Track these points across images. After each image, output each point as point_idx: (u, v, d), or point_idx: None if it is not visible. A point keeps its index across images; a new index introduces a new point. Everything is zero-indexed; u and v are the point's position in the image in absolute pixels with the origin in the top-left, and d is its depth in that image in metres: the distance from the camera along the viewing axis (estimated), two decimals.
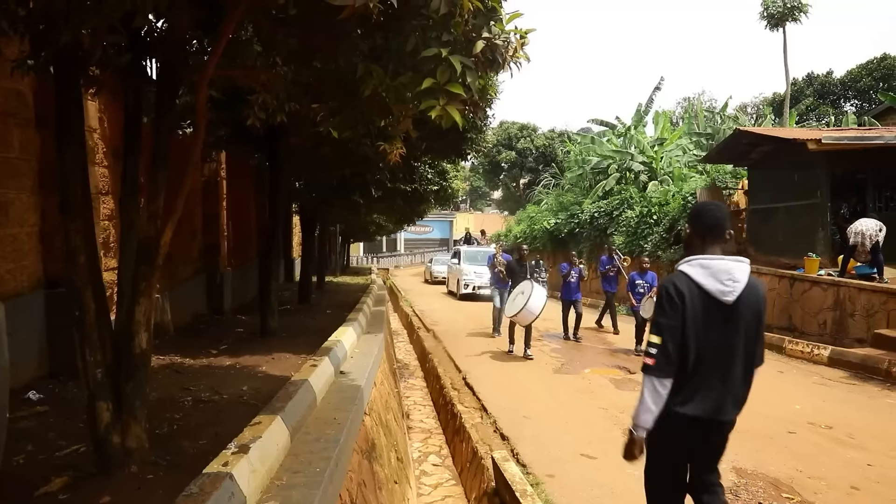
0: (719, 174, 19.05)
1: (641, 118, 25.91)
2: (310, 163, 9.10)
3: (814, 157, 12.82)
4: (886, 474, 5.53)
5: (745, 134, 14.97)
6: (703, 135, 24.41)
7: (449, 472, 7.25)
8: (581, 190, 25.43)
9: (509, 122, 47.32)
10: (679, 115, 44.47)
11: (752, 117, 40.64)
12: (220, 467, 2.82)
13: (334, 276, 23.63)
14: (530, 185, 41.76)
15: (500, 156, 45.08)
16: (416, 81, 2.68)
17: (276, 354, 7.08)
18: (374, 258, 52.96)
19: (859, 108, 42.56)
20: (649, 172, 22.51)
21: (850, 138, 12.92)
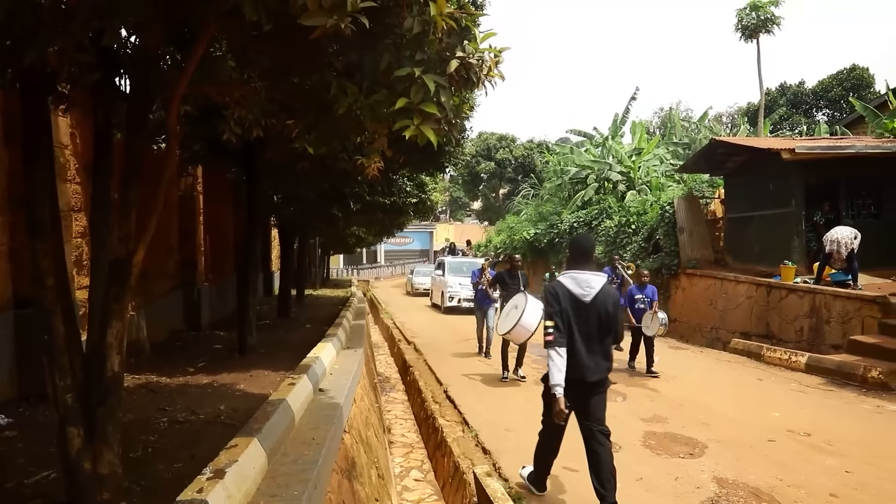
0: (696, 183, 19.26)
1: (619, 128, 26.14)
2: (288, 177, 9.04)
3: (788, 166, 13.01)
4: (864, 481, 5.57)
5: (721, 143, 15.16)
6: (680, 144, 24.72)
7: (431, 488, 7.19)
8: (560, 200, 25.56)
9: (488, 133, 47.53)
10: (656, 124, 45.02)
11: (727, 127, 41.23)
12: (194, 494, 2.75)
13: (314, 288, 23.49)
14: (510, 195, 41.94)
15: (479, 166, 45.24)
16: (391, 100, 2.66)
17: (255, 371, 6.99)
18: (354, 270, 52.72)
19: (831, 117, 43.37)
20: (627, 182, 22.69)
21: (823, 147, 13.13)
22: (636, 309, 10.47)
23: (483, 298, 11.76)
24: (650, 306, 10.30)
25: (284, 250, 13.48)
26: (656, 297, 10.51)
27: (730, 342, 12.66)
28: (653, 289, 10.69)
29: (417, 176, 12.17)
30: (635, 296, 10.64)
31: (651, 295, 10.48)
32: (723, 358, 11.91)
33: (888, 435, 6.98)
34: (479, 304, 11.97)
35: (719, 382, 9.41)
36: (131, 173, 3.24)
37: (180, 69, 3.44)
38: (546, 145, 39.18)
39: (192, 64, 2.96)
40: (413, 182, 12.56)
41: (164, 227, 9.00)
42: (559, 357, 4.38)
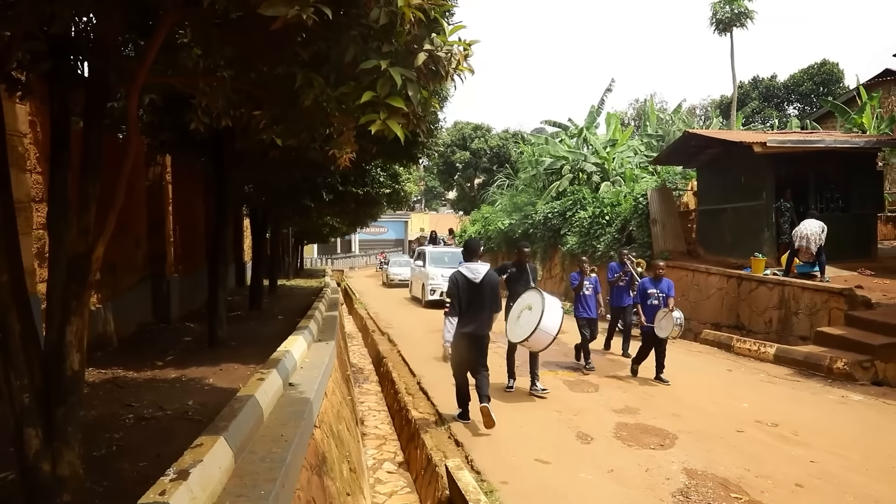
0: (669, 175, 19.38)
1: (594, 119, 26.21)
2: (258, 167, 8.89)
3: (759, 159, 13.15)
4: (827, 470, 5.67)
5: (694, 136, 15.27)
6: (654, 136, 24.83)
7: (404, 480, 7.18)
8: (535, 190, 25.58)
9: (463, 123, 47.38)
10: (632, 116, 45.32)
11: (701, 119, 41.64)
12: (156, 497, 2.68)
13: (287, 279, 23.29)
14: (485, 185, 41.87)
15: (454, 156, 45.08)
16: (358, 92, 2.59)
17: (225, 365, 6.89)
18: (328, 260, 52.47)
19: (802, 111, 44.14)
20: (602, 173, 22.77)
21: (794, 141, 13.29)
22: (648, 306, 9.20)
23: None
24: (665, 303, 9.03)
25: (256, 240, 13.29)
26: (672, 291, 9.30)
27: (701, 333, 12.81)
28: (669, 283, 9.41)
29: (391, 166, 12.05)
30: (648, 290, 9.33)
31: (667, 290, 9.21)
32: (694, 349, 12.04)
33: (852, 425, 7.11)
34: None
35: (690, 373, 9.51)
36: (90, 164, 3.13)
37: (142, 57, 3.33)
38: (521, 136, 39.16)
39: (152, 52, 2.86)
40: (386, 172, 12.45)
41: (132, 217, 8.81)
42: (451, 323, 6.83)
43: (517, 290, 8.26)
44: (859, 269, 12.67)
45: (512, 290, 8.47)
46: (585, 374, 9.61)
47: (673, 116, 26.60)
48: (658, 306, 9.01)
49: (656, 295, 9.14)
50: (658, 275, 9.31)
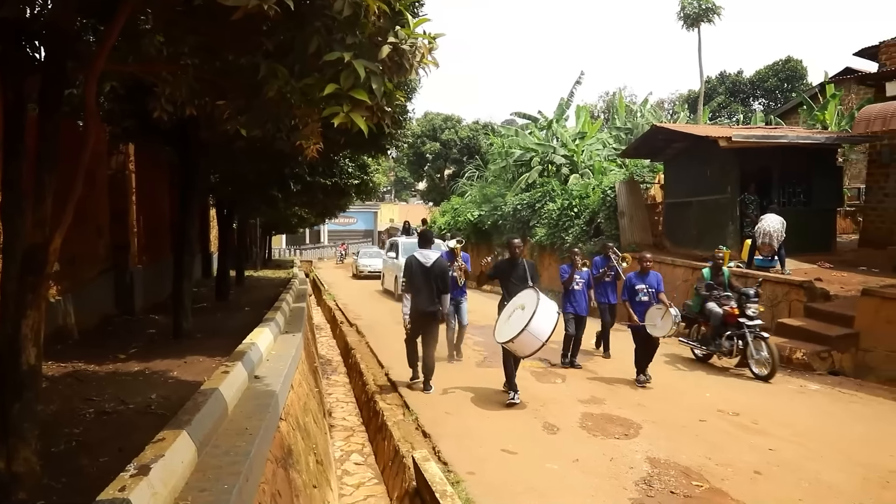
0: (637, 168, 19.60)
1: (563, 112, 26.33)
2: (224, 156, 8.76)
3: (725, 153, 13.36)
4: (785, 458, 5.83)
5: (661, 130, 15.45)
6: (623, 129, 25.06)
7: (371, 471, 7.18)
8: (504, 182, 25.66)
9: (434, 113, 47.25)
10: (601, 108, 45.67)
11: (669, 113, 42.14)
12: (115, 493, 2.63)
13: (255, 269, 23.05)
14: (455, 176, 41.86)
15: (424, 147, 44.97)
16: (321, 84, 2.56)
17: (190, 358, 6.79)
18: (297, 250, 52.04)
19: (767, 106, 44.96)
20: (571, 165, 22.92)
21: (758, 136, 13.53)
22: (637, 303, 8.57)
23: (453, 287, 9.38)
24: (655, 299, 8.47)
25: (223, 231, 13.11)
26: (662, 286, 8.71)
27: None
28: (657, 276, 8.81)
29: (359, 157, 11.96)
30: (636, 285, 8.68)
31: (656, 284, 8.63)
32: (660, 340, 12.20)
33: (809, 414, 7.30)
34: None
35: (655, 364, 9.62)
36: (46, 153, 3.05)
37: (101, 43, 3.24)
38: (491, 127, 39.24)
39: (111, 38, 2.79)
40: (355, 163, 12.36)
41: (93, 207, 8.62)
42: (407, 299, 7.87)
43: (511, 288, 7.65)
44: (819, 262, 12.97)
45: (505, 289, 7.82)
46: (552, 364, 9.68)
47: (641, 109, 26.86)
48: (648, 303, 8.46)
49: (645, 290, 8.56)
50: (645, 268, 8.71)
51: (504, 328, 7.10)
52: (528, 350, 6.90)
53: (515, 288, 7.53)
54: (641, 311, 8.44)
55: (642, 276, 8.71)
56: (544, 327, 6.70)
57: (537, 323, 6.64)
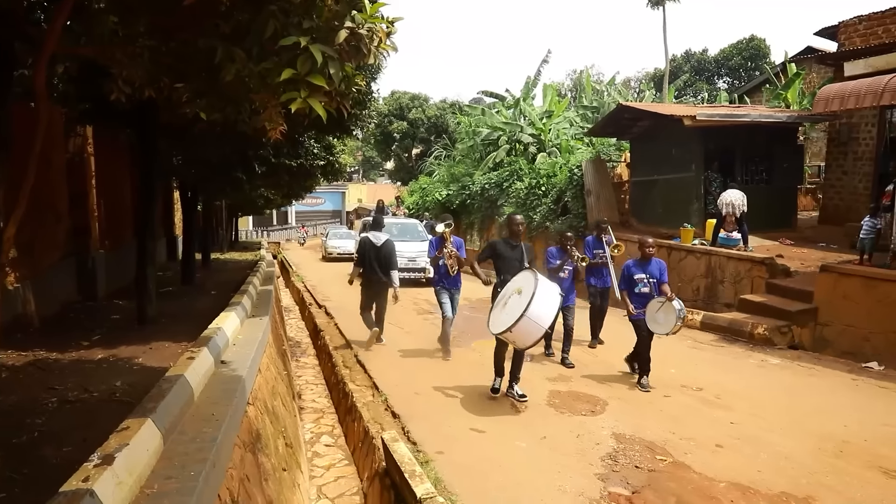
0: (604, 147, 19.75)
1: (530, 90, 26.32)
2: (186, 139, 8.59)
3: (689, 132, 13.53)
4: (746, 431, 6.00)
5: (627, 109, 15.56)
6: (590, 108, 25.13)
7: (342, 452, 7.22)
8: (472, 161, 25.64)
9: (401, 92, 46.88)
10: (569, 87, 45.73)
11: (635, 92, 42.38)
12: (79, 483, 2.61)
13: (221, 252, 22.76)
14: (422, 155, 41.69)
15: (391, 126, 44.65)
16: (280, 69, 2.52)
17: (155, 344, 6.71)
18: (264, 232, 51.51)
19: (731, 84, 45.51)
20: (538, 144, 22.97)
21: (722, 115, 13.71)
22: (637, 294, 7.56)
23: (444, 277, 8.92)
24: (657, 290, 7.44)
25: (187, 213, 12.88)
26: (666, 275, 7.59)
27: None
28: (660, 264, 7.65)
29: (324, 138, 11.82)
30: (634, 275, 7.61)
31: (658, 273, 7.52)
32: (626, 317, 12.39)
33: (769, 388, 7.51)
34: (439, 285, 9.04)
35: (621, 341, 9.75)
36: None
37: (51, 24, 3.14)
38: (459, 106, 39.06)
39: (61, 18, 2.70)
40: (320, 144, 12.21)
41: (51, 191, 8.41)
42: (357, 269, 9.38)
43: (507, 272, 6.84)
44: (781, 238, 13.27)
45: (500, 273, 7.00)
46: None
47: (608, 88, 26.97)
48: (649, 295, 7.45)
49: (645, 280, 7.53)
50: (646, 255, 7.57)
51: (500, 317, 6.28)
52: (528, 340, 6.05)
53: (511, 269, 6.76)
54: (642, 305, 7.43)
55: (642, 263, 7.61)
56: (545, 312, 5.91)
57: (537, 307, 5.83)
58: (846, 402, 7.02)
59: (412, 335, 10.61)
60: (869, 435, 5.95)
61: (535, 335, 6.00)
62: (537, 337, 6.06)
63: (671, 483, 4.91)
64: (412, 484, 4.52)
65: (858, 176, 14.00)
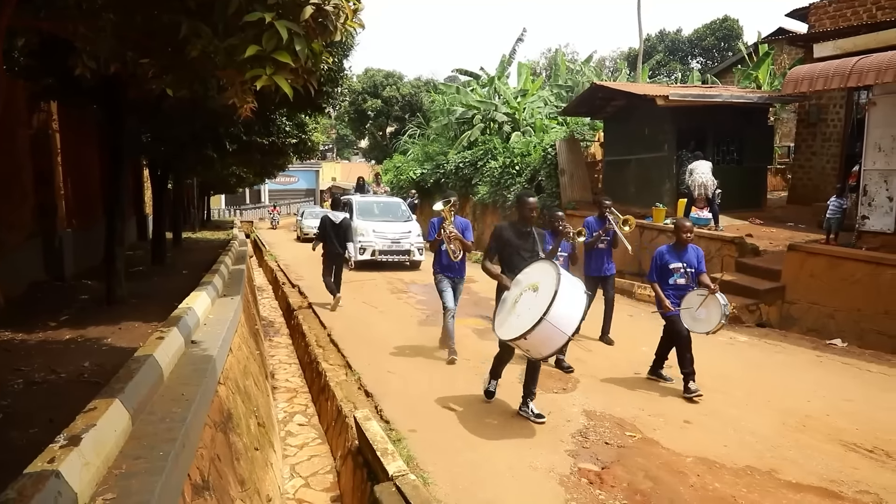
0: (578, 126, 19.76)
1: (505, 69, 26.20)
2: (155, 116, 8.42)
3: (662, 112, 13.59)
4: (713, 407, 6.14)
5: (601, 88, 15.58)
6: (564, 87, 25.11)
7: (315, 431, 7.24)
8: (446, 140, 25.53)
9: (375, 70, 46.41)
10: (544, 66, 45.67)
11: (610, 71, 42.47)
12: (44, 465, 2.59)
13: (193, 231, 22.48)
14: (397, 134, 41.40)
15: (365, 104, 44.24)
16: (245, 45, 2.48)
17: (125, 324, 6.62)
18: (237, 211, 50.96)
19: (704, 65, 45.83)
20: (512, 123, 22.93)
21: (694, 95, 13.79)
22: (671, 286, 6.58)
23: (447, 266, 7.80)
24: (695, 281, 6.51)
25: (157, 192, 12.67)
26: (704, 264, 6.64)
27: None
28: (698, 251, 6.65)
29: (296, 116, 11.69)
30: (669, 263, 6.56)
31: (696, 262, 6.55)
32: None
33: (737, 365, 7.67)
34: (440, 273, 7.89)
35: (594, 320, 9.85)
36: None
37: None
38: (433, 84, 38.79)
39: None
40: (292, 122, 12.07)
41: (15, 169, 8.21)
42: (317, 242, 11.09)
43: (517, 264, 5.72)
44: (750, 218, 13.46)
45: (508, 265, 5.83)
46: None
47: (582, 67, 26.95)
48: (686, 287, 6.48)
49: (682, 270, 6.51)
50: (683, 240, 6.51)
51: (510, 319, 5.22)
52: (547, 348, 5.03)
53: (524, 264, 5.61)
54: (677, 299, 6.49)
55: (678, 250, 6.58)
56: (570, 314, 4.85)
57: (560, 308, 4.77)
58: (810, 379, 7.20)
59: (386, 314, 10.62)
60: (831, 410, 6.12)
61: (556, 342, 4.96)
62: (559, 344, 5.05)
63: (640, 458, 5.01)
64: (384, 462, 4.55)
65: (826, 157, 14.23)
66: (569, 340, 5.05)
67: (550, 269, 5.11)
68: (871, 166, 9.13)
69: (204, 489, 3.63)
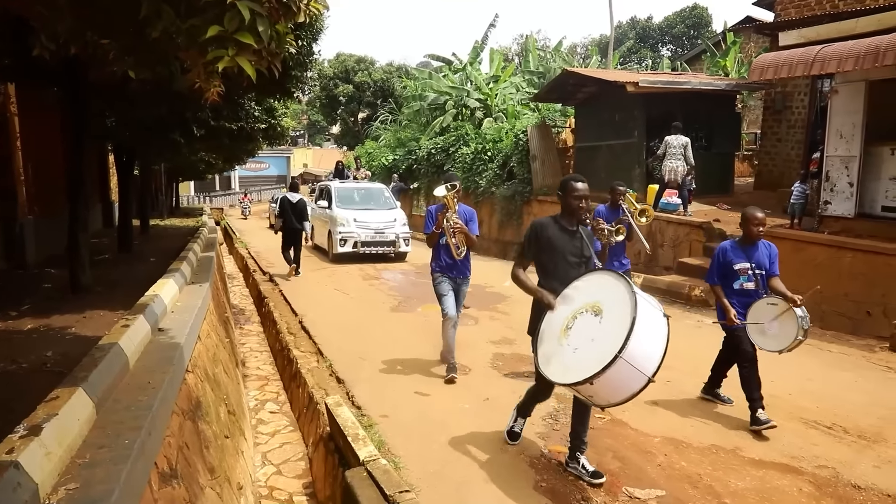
0: (549, 112, 19.82)
1: (478, 55, 26.14)
2: (119, 99, 8.21)
3: (632, 98, 13.69)
4: (680, 388, 6.25)
5: (572, 74, 15.62)
6: (536, 73, 25.11)
7: (287, 419, 7.22)
8: (418, 126, 25.43)
9: (346, 55, 45.96)
10: (516, 52, 45.63)
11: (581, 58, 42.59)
12: (3, 455, 2.53)
13: (161, 218, 22.10)
14: (369, 120, 41.11)
15: (337, 89, 43.82)
16: (207, 26, 2.42)
17: (90, 312, 6.49)
18: (206, 197, 50.25)
19: (674, 52, 46.26)
20: (484, 109, 22.90)
21: (664, 82, 13.92)
22: (736, 291, 5.47)
23: (446, 261, 6.60)
24: (765, 287, 5.39)
25: (123, 178, 12.40)
26: (777, 265, 5.46)
27: None
28: (771, 249, 5.50)
29: (266, 100, 11.52)
30: (734, 263, 5.42)
31: (768, 263, 5.40)
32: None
33: (704, 348, 7.74)
34: (439, 271, 6.68)
35: None
36: None
37: None
38: (405, 70, 38.57)
39: None
40: (261, 107, 11.90)
41: None
42: (279, 221, 12.65)
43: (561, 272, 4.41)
44: (718, 203, 13.65)
45: (549, 274, 4.49)
46: (466, 307, 9.80)
47: (554, 54, 26.98)
48: (755, 293, 5.38)
49: (750, 272, 5.37)
50: (753, 235, 5.35)
51: (562, 353, 3.91)
52: (620, 394, 3.65)
53: (572, 272, 4.36)
54: (743, 307, 5.43)
55: (746, 247, 5.45)
56: (652, 348, 3.58)
57: (641, 342, 3.50)
58: (773, 359, 7.33)
59: (357, 301, 10.60)
60: (793, 389, 6.27)
61: (632, 386, 3.58)
62: (635, 389, 3.60)
63: (608, 439, 5.09)
64: (355, 447, 4.56)
65: (791, 143, 14.47)
66: (648, 384, 3.56)
67: (617, 283, 3.78)
68: (833, 153, 9.31)
69: (172, 477, 3.59)
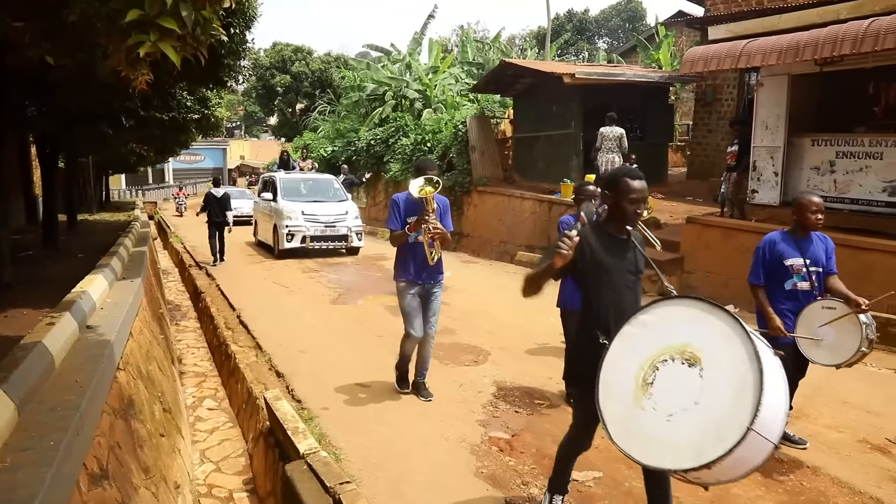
0: (488, 103, 19.93)
1: (418, 45, 26.08)
2: (41, 87, 7.84)
3: (569, 89, 13.91)
4: None
5: (510, 65, 15.76)
6: (475, 64, 25.22)
7: (226, 415, 7.08)
8: (357, 117, 25.23)
9: (283, 44, 45.12)
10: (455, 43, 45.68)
11: (520, 49, 42.97)
12: None
13: (90, 213, 21.29)
14: (307, 110, 40.50)
15: (273, 80, 43.01)
16: (128, 9, 2.32)
17: (11, 311, 6.20)
18: (138, 191, 48.62)
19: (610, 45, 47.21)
20: (424, 100, 22.89)
21: (599, 74, 14.20)
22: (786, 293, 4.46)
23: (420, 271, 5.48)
24: (821, 287, 4.44)
25: (47, 171, 11.85)
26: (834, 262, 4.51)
27: (516, 255, 13.60)
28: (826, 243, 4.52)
29: (198, 90, 11.19)
30: (784, 258, 4.44)
31: (825, 258, 4.46)
32: (509, 269, 12.77)
33: None
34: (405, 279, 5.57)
35: (505, 293, 10.05)
36: None
37: None
38: (344, 60, 38.13)
39: None
40: (193, 97, 11.55)
41: None
42: (202, 213, 13.66)
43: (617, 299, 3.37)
44: (652, 193, 13.95)
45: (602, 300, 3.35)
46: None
47: (492, 45, 27.13)
48: (809, 294, 4.41)
49: (804, 269, 4.41)
50: (809, 224, 4.39)
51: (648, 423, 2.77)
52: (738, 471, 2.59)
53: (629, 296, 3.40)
54: (793, 314, 4.44)
55: (798, 239, 4.47)
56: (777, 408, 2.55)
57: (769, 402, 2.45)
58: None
59: (297, 294, 10.46)
60: None
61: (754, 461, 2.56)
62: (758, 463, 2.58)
63: (548, 425, 5.17)
64: (295, 440, 4.50)
65: (721, 134, 14.97)
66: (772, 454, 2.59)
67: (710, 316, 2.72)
68: (759, 143, 9.66)
69: (102, 478, 3.47)
